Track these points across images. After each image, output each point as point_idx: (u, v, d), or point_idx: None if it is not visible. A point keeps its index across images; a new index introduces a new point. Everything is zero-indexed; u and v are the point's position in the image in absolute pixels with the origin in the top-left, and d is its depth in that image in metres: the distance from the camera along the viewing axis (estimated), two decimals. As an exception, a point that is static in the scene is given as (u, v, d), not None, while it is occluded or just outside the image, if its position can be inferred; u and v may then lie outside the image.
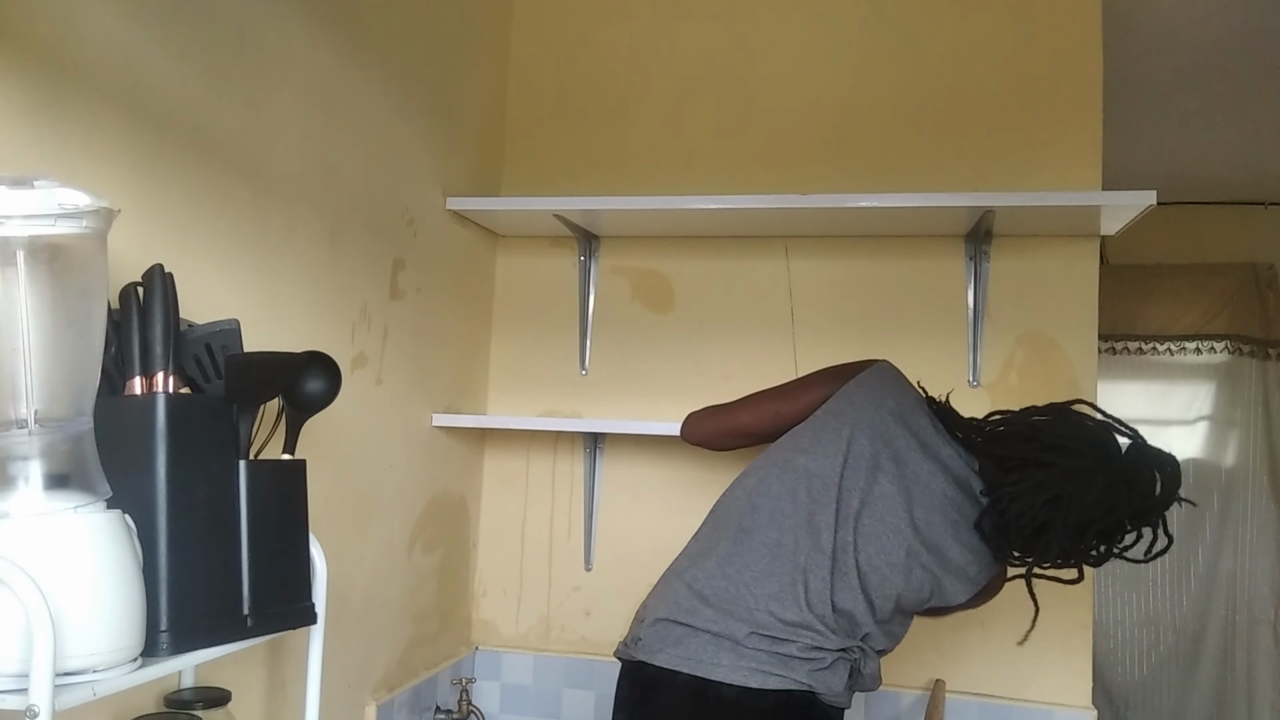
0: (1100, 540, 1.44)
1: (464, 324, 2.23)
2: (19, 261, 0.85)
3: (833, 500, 1.44)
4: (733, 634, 1.39)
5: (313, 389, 1.23)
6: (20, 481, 0.87)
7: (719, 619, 1.40)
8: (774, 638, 1.38)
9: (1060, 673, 2.04)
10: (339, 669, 1.69)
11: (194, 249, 1.31)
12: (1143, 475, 1.43)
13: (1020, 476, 1.43)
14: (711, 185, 2.23)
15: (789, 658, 1.38)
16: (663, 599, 1.47)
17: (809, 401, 1.56)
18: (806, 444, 1.50)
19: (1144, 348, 3.90)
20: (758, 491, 1.49)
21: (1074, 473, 1.40)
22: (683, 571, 1.48)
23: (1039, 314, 2.10)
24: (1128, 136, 3.14)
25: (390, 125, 1.84)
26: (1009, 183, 2.08)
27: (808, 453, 1.49)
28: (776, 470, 1.50)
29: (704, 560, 1.47)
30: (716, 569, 1.45)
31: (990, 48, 2.17)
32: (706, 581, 1.44)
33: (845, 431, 1.48)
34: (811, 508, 1.45)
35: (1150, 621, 3.81)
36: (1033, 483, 1.42)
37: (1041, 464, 1.43)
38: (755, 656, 1.37)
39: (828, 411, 1.53)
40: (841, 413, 1.51)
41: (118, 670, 0.90)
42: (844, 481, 1.45)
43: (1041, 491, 1.41)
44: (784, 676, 1.37)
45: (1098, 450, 1.43)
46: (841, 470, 1.46)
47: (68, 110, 1.09)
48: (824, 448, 1.48)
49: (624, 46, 2.37)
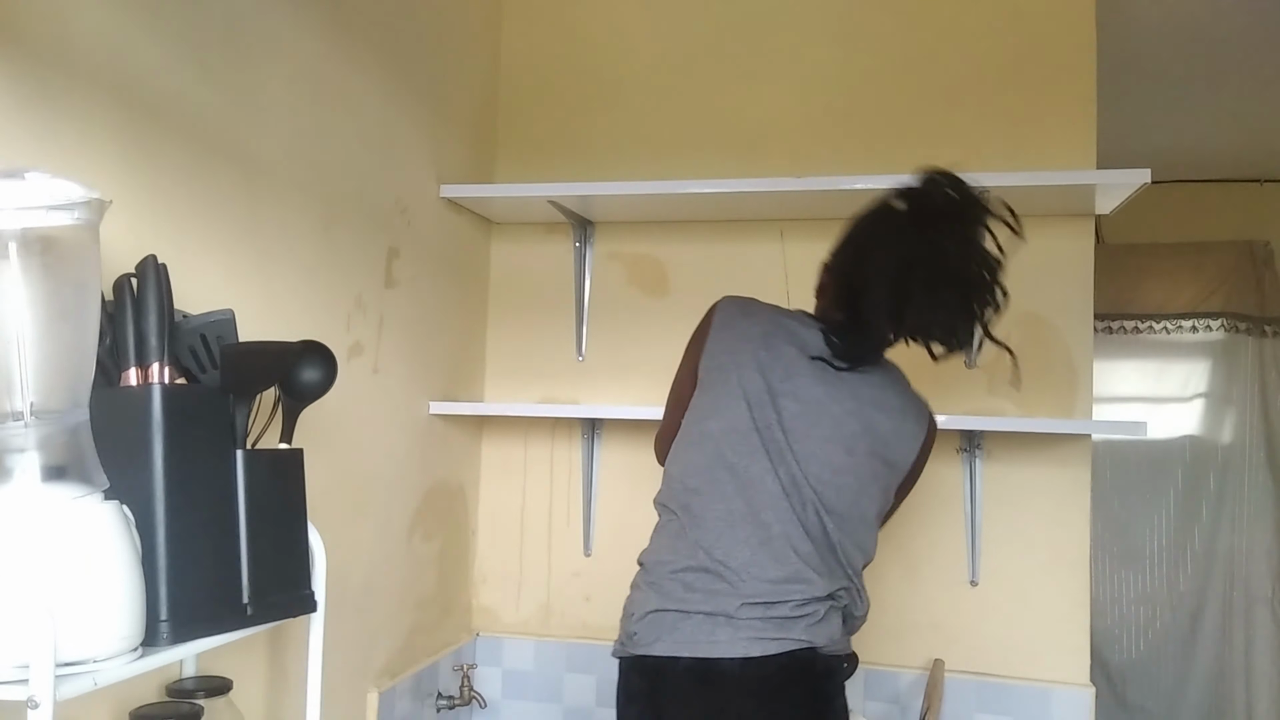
0: (929, 271, 1.38)
1: (460, 312, 2.23)
2: (11, 253, 0.84)
3: (759, 446, 1.42)
4: (724, 609, 1.38)
5: (309, 378, 1.23)
6: (17, 473, 0.87)
7: (708, 599, 1.39)
8: (765, 603, 1.38)
9: (1058, 651, 2.06)
10: (340, 657, 1.70)
11: (187, 239, 1.30)
12: (926, 192, 1.42)
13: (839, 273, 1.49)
14: (706, 169, 2.22)
15: (784, 619, 1.38)
16: (647, 593, 1.46)
17: (685, 378, 1.56)
18: (707, 409, 1.48)
19: (1140, 326, 3.90)
20: (688, 474, 1.48)
21: (872, 234, 1.45)
22: (659, 565, 1.47)
23: (1034, 294, 2.09)
24: (1122, 115, 3.13)
25: (382, 113, 1.84)
26: (1003, 162, 2.08)
27: (711, 417, 1.47)
28: (694, 447, 1.48)
29: (675, 550, 1.45)
30: (689, 554, 1.43)
31: (983, 27, 2.17)
32: (685, 568, 1.43)
33: (732, 378, 1.46)
34: (744, 464, 1.43)
35: (1147, 599, 3.82)
36: (847, 268, 1.46)
37: (845, 255, 1.48)
38: (750, 625, 1.37)
39: (706, 370, 1.50)
40: (720, 366, 1.48)
41: (118, 660, 0.90)
42: (757, 423, 1.43)
43: (860, 265, 1.44)
44: (783, 639, 1.37)
45: (879, 206, 1.47)
46: (750, 414, 1.43)
47: (58, 102, 1.09)
48: (724, 404, 1.46)
49: (616, 30, 2.36)
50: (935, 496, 2.11)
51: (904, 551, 2.09)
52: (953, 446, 2.11)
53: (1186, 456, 3.82)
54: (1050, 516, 2.08)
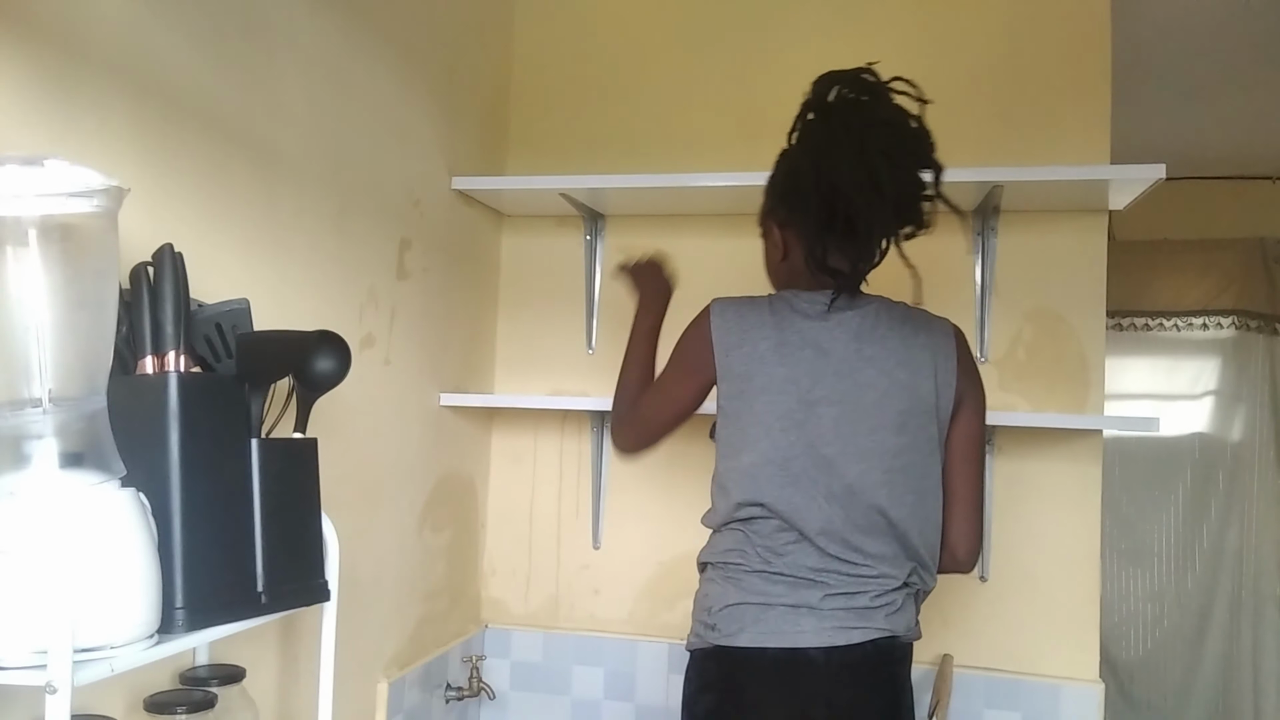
0: (888, 160, 1.41)
1: (471, 304, 2.23)
2: (31, 240, 0.85)
3: (802, 471, 1.40)
4: (807, 601, 1.38)
5: (323, 368, 1.23)
6: (35, 460, 0.87)
7: (790, 592, 1.39)
8: (847, 593, 1.38)
9: (1068, 647, 2.05)
10: (351, 647, 1.70)
11: (202, 229, 1.31)
12: (832, 98, 1.45)
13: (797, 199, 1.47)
14: (717, 163, 2.21)
15: (865, 609, 1.39)
16: (725, 587, 1.43)
17: (683, 387, 1.52)
18: (739, 443, 1.44)
19: (1151, 323, 3.89)
20: (736, 510, 1.44)
21: (809, 156, 1.45)
22: (733, 565, 1.43)
23: (1047, 290, 2.09)
24: (1135, 112, 3.12)
25: (396, 105, 1.84)
26: (1017, 158, 2.07)
27: (745, 450, 1.43)
28: (736, 484, 1.44)
29: (745, 556, 1.42)
30: (761, 561, 1.41)
31: (998, 21, 2.16)
32: (759, 570, 1.41)
33: (759, 406, 1.42)
34: (787, 494, 1.40)
35: (1156, 596, 3.81)
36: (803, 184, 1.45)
37: (796, 190, 1.47)
38: (834, 615, 1.37)
39: (728, 398, 1.45)
40: (740, 394, 1.43)
41: (135, 646, 0.91)
42: (796, 448, 1.40)
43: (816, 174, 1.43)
44: (866, 627, 1.38)
45: (803, 131, 1.49)
46: (788, 440, 1.40)
47: (76, 91, 1.09)
48: (754, 435, 1.42)
49: (629, 24, 2.36)
50: (945, 492, 2.11)
51: (913, 546, 2.09)
52: (963, 442, 2.10)
53: (1196, 454, 3.81)
54: (1061, 512, 2.07)
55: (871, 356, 1.43)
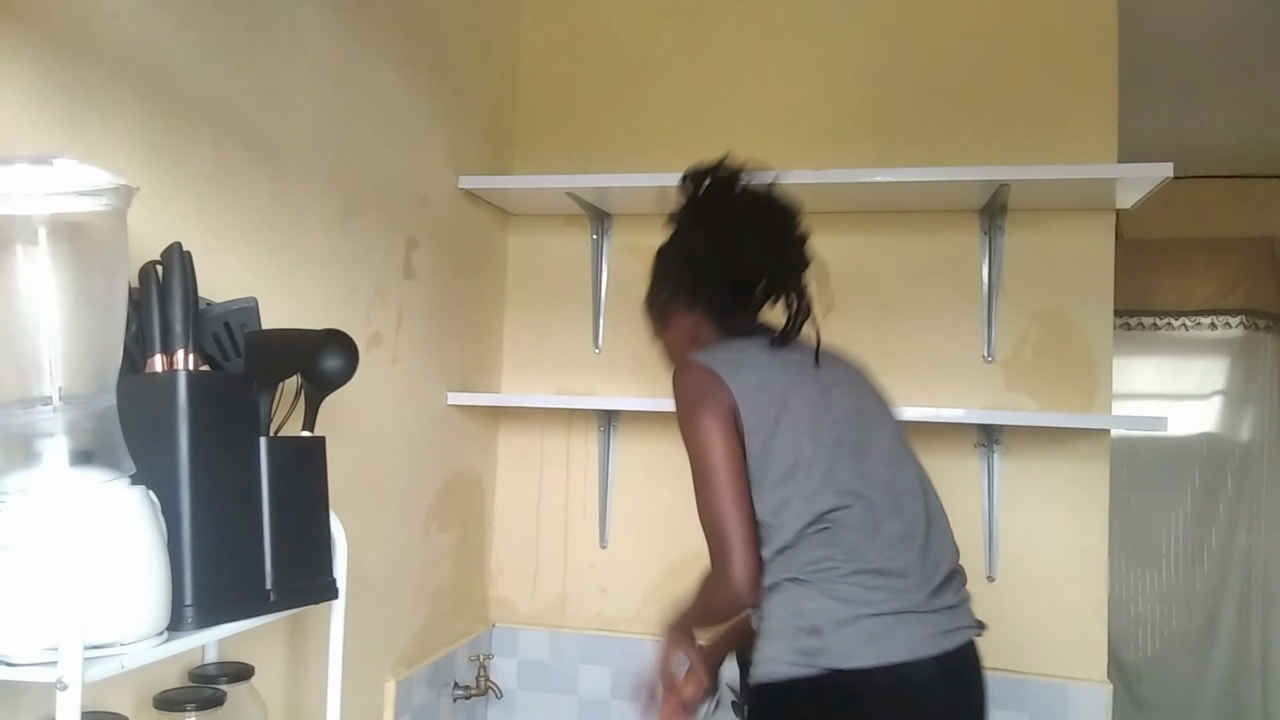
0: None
1: (477, 303, 2.23)
2: (41, 239, 0.85)
3: (847, 460, 1.41)
4: (911, 605, 1.34)
5: (331, 366, 1.24)
6: (46, 458, 0.88)
7: (893, 597, 1.34)
8: (935, 591, 1.38)
9: (1076, 647, 2.05)
10: (358, 645, 1.71)
11: (210, 228, 1.31)
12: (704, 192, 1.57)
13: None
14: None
15: (953, 608, 1.40)
16: (822, 600, 1.34)
17: (732, 463, 1.41)
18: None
19: (1159, 323, 3.88)
20: (827, 508, 1.38)
21: (704, 241, 1.54)
22: (821, 574, 1.36)
23: (1054, 289, 2.09)
24: (1142, 111, 3.10)
25: (402, 104, 1.84)
26: (1024, 156, 2.07)
27: (796, 461, 1.40)
28: (809, 489, 1.39)
29: (831, 559, 1.36)
30: (846, 558, 1.36)
31: (1005, 20, 2.16)
32: (854, 571, 1.35)
33: (783, 420, 1.40)
34: (858, 473, 1.40)
35: (1163, 597, 3.80)
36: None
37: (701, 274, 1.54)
38: (936, 619, 1.36)
39: (751, 415, 1.41)
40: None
41: (144, 644, 0.91)
42: (828, 437, 1.41)
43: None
44: (963, 628, 1.39)
45: (688, 226, 1.59)
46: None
47: (84, 90, 1.10)
48: (795, 442, 1.40)
49: (634, 23, 2.36)
50: (953, 491, 2.09)
51: (921, 546, 2.09)
52: (971, 441, 2.10)
53: (1204, 454, 3.80)
54: (1069, 512, 2.07)
55: (846, 384, 1.50)
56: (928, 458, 1.56)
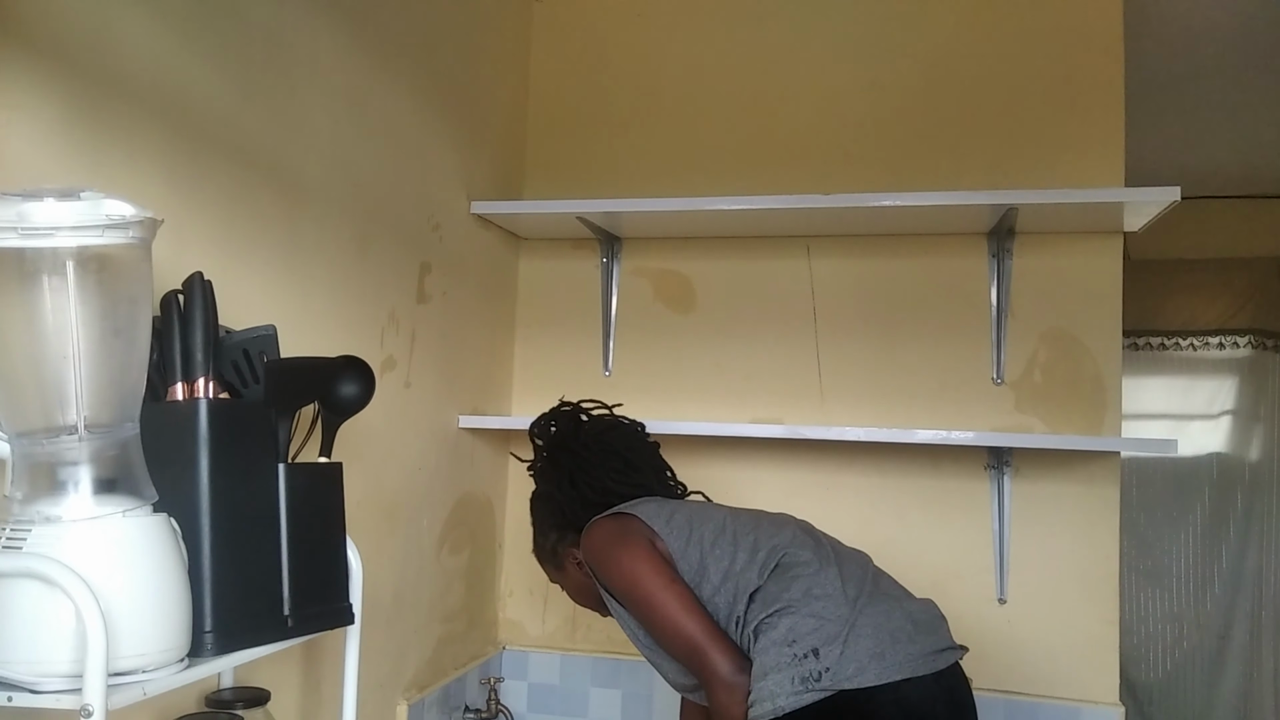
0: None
1: (489, 326, 2.25)
2: (69, 271, 0.87)
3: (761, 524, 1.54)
4: (902, 625, 1.39)
5: (348, 393, 1.25)
6: (70, 486, 0.89)
7: (888, 617, 1.40)
8: (910, 610, 1.44)
9: (1087, 669, 2.04)
10: (371, 669, 1.71)
11: (230, 256, 1.33)
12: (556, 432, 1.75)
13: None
14: (733, 186, 2.24)
15: (936, 624, 1.45)
16: (818, 623, 1.36)
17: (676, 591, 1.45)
18: (714, 548, 1.50)
19: (1167, 343, 3.89)
20: (770, 557, 1.47)
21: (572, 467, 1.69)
22: (805, 602, 1.39)
23: (1062, 311, 2.10)
24: (1149, 131, 3.13)
25: (416, 131, 1.86)
26: (1031, 180, 2.08)
27: (718, 535, 1.52)
28: (745, 553, 1.49)
29: (809, 593, 1.40)
30: (825, 589, 1.42)
31: (1011, 45, 2.17)
32: (840, 594, 1.41)
33: (720, 538, 1.50)
34: (779, 527, 1.53)
35: (1174, 618, 3.79)
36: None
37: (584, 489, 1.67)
38: (926, 640, 1.39)
39: (690, 554, 1.49)
40: (698, 542, 1.50)
41: (166, 670, 0.92)
42: (762, 541, 1.49)
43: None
44: (952, 648, 1.42)
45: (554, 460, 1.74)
46: (756, 539, 1.50)
47: (106, 122, 1.12)
48: (714, 531, 1.52)
49: (643, 49, 2.38)
50: (963, 513, 2.11)
51: (931, 568, 2.09)
52: (981, 464, 2.10)
53: (1214, 474, 3.80)
54: (1079, 534, 2.07)
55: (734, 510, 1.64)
56: (938, 480, 1.58)
